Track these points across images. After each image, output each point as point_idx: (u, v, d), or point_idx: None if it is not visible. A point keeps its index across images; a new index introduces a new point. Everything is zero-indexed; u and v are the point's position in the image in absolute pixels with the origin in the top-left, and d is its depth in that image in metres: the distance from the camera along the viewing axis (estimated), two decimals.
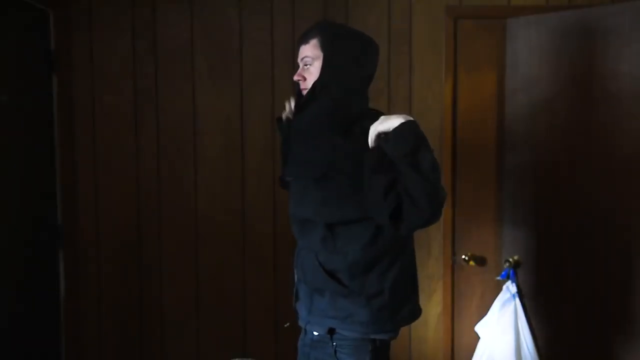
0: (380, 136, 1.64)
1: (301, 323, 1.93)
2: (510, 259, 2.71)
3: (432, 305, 2.91)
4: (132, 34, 2.89)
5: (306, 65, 1.83)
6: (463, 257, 2.86)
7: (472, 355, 2.74)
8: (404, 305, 1.84)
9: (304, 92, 1.84)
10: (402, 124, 1.60)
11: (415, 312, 1.90)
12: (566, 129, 2.59)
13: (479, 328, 2.70)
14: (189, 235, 2.93)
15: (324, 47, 1.80)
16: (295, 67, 1.91)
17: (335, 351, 1.80)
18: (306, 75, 1.83)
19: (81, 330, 2.96)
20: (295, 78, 1.86)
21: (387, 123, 1.62)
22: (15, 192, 2.63)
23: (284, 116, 1.97)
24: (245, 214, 2.92)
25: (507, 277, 2.68)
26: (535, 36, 2.64)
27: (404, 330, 2.94)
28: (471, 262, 2.85)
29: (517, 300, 2.61)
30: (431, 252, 2.89)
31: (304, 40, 1.84)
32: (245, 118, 2.90)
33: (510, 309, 2.61)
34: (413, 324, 2.94)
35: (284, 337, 2.92)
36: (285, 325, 2.09)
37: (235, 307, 2.95)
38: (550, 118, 2.63)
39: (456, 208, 2.87)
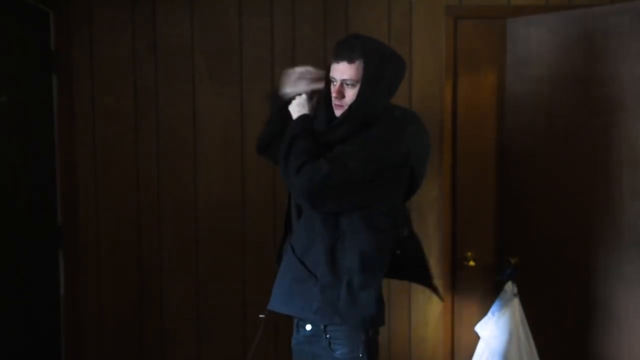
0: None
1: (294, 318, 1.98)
2: (510, 259, 2.71)
3: (432, 305, 2.91)
4: (132, 34, 2.89)
5: (347, 84, 1.82)
6: (463, 257, 2.86)
7: (472, 355, 2.74)
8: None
9: (336, 107, 1.86)
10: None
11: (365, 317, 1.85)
12: (566, 129, 2.59)
13: (479, 328, 2.70)
14: (189, 235, 2.93)
15: (368, 73, 1.78)
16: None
17: (330, 343, 1.83)
18: (346, 94, 1.82)
19: (81, 330, 2.96)
20: (335, 95, 1.84)
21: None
22: (15, 192, 2.63)
23: (281, 94, 1.99)
24: (245, 214, 2.92)
25: (507, 277, 2.67)
26: (535, 36, 2.64)
27: (404, 330, 2.96)
28: (471, 262, 2.85)
29: (517, 300, 2.61)
30: (431, 252, 2.89)
31: (347, 58, 1.79)
32: (245, 118, 2.90)
33: (510, 309, 2.60)
34: (413, 324, 2.96)
35: (284, 337, 2.91)
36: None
37: (235, 307, 2.95)
38: (550, 118, 2.63)
39: (456, 208, 2.87)
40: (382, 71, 1.81)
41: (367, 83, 1.79)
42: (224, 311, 2.95)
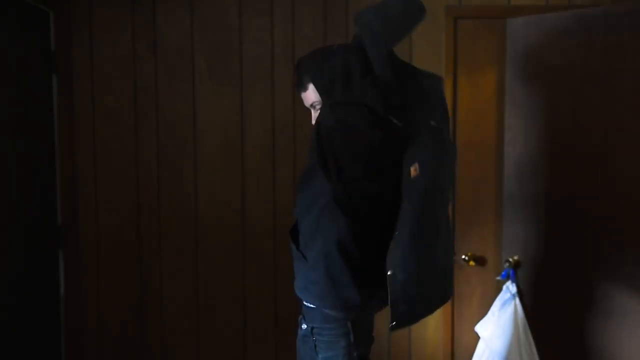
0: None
1: None
2: (510, 259, 2.71)
3: None
4: (132, 34, 2.89)
5: (316, 108, 1.82)
6: (463, 257, 2.86)
7: (472, 355, 2.74)
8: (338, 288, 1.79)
9: None
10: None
11: (348, 302, 1.80)
12: (566, 128, 2.59)
13: (479, 328, 2.70)
14: (189, 235, 2.94)
15: (320, 89, 1.77)
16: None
17: (315, 345, 1.85)
18: None
19: (81, 330, 2.96)
20: (314, 123, 1.83)
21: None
22: (15, 192, 2.63)
23: None
24: (245, 214, 2.92)
25: (507, 277, 2.68)
26: (535, 36, 2.64)
27: (403, 330, 2.96)
28: (471, 262, 2.86)
29: (517, 300, 2.61)
30: None
31: (301, 88, 1.84)
32: (245, 118, 2.90)
33: (510, 309, 2.61)
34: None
35: (284, 338, 2.92)
36: None
37: (235, 307, 2.95)
38: (550, 118, 2.63)
39: (456, 208, 2.87)
40: (329, 78, 1.77)
41: (325, 97, 1.77)
42: (224, 311, 2.95)
